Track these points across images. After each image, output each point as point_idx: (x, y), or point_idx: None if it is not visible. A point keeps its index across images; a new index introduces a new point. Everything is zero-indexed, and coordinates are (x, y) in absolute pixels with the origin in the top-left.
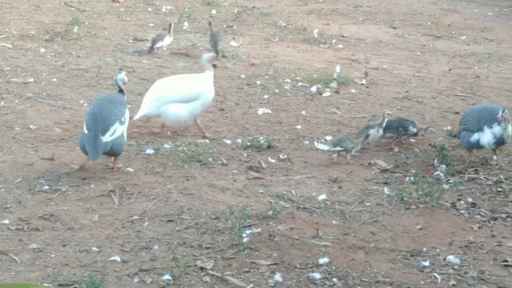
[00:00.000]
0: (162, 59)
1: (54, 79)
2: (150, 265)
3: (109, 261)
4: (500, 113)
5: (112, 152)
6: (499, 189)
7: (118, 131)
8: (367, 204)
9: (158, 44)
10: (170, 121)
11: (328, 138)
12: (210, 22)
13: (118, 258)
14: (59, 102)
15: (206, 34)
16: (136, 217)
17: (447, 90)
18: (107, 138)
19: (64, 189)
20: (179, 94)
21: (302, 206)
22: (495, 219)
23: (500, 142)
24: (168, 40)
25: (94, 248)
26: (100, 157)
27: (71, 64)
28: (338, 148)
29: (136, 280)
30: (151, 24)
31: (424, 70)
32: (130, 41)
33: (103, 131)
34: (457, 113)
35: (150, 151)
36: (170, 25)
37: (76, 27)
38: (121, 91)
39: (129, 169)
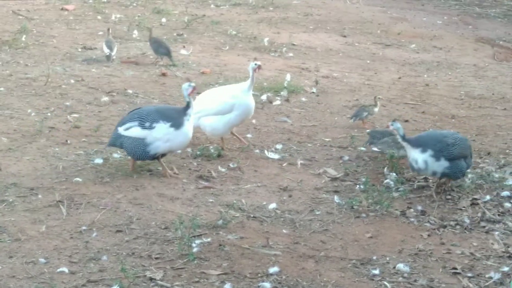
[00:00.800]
0: (111, 67)
1: (1, 89)
2: (98, 276)
3: (56, 273)
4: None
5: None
6: (448, 197)
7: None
8: (317, 213)
9: (114, 51)
10: (207, 133)
11: (279, 146)
12: (150, 28)
13: (66, 270)
14: (6, 111)
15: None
16: (84, 228)
17: (396, 98)
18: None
19: (11, 200)
20: (212, 107)
21: (252, 215)
22: (444, 226)
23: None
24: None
25: (42, 260)
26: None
27: (18, 73)
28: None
29: None
30: (100, 33)
31: (374, 78)
32: (79, 49)
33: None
34: (406, 121)
35: (99, 160)
36: (108, 29)
37: (24, 36)
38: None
39: (78, 179)
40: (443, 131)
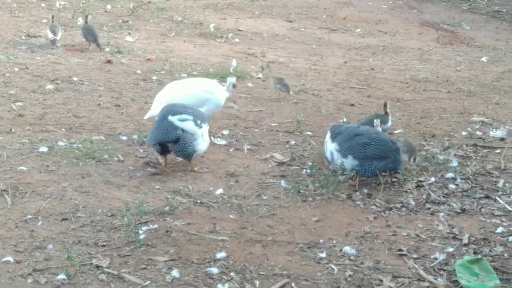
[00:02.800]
0: (56, 55)
1: None
2: (44, 265)
3: (1, 262)
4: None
5: None
6: (394, 179)
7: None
8: (264, 198)
9: (59, 35)
10: None
11: (225, 132)
12: (86, 15)
13: (11, 259)
14: None
15: (101, 30)
16: (29, 217)
17: (342, 82)
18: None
19: None
20: (184, 97)
21: (199, 201)
22: (390, 209)
23: None
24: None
25: None
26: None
27: None
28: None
29: (30, 280)
30: (44, 20)
31: (320, 63)
32: (23, 37)
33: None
34: (352, 105)
35: (43, 149)
36: (52, 16)
37: None
38: None
39: (22, 167)
40: (363, 128)
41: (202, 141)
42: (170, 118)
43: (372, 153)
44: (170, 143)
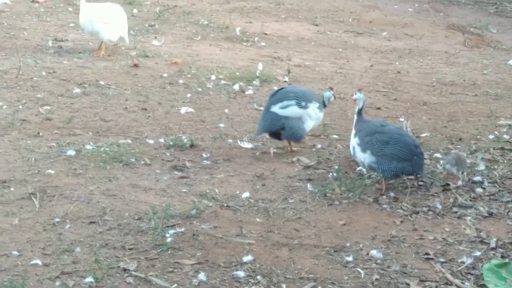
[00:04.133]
0: (83, 59)
1: None
2: (72, 268)
3: (30, 265)
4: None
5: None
6: (420, 183)
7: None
8: (290, 201)
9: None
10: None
11: (252, 135)
12: None
13: (39, 262)
14: None
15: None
16: (57, 220)
17: (369, 86)
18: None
19: None
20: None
21: (225, 205)
22: (417, 212)
23: None
24: None
25: (15, 252)
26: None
27: None
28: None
29: (58, 283)
30: (72, 25)
31: (346, 66)
32: (50, 41)
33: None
34: (378, 108)
35: (71, 152)
36: None
37: None
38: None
39: (50, 171)
40: (387, 126)
41: (310, 121)
42: (273, 108)
43: (391, 153)
44: (279, 131)
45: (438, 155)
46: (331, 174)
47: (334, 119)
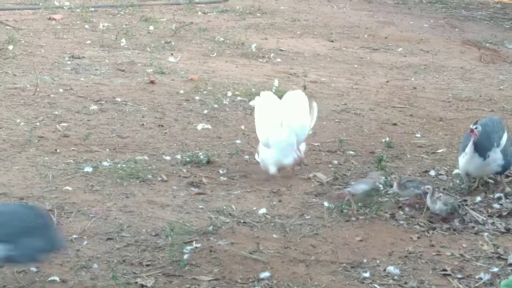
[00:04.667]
0: (100, 76)
1: None
2: (90, 284)
3: (48, 281)
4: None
5: None
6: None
7: None
8: (307, 217)
9: None
10: None
11: None
12: None
13: (57, 278)
14: None
15: (144, 51)
16: (75, 236)
17: (384, 101)
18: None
19: None
20: None
21: (242, 221)
22: (434, 229)
23: None
24: None
25: (33, 269)
26: None
27: (7, 83)
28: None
29: None
30: (88, 42)
31: (362, 82)
32: (67, 58)
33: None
34: (395, 124)
35: (88, 169)
36: None
37: (12, 46)
38: None
39: (68, 187)
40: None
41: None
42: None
43: None
44: None
45: (456, 171)
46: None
47: (350, 134)
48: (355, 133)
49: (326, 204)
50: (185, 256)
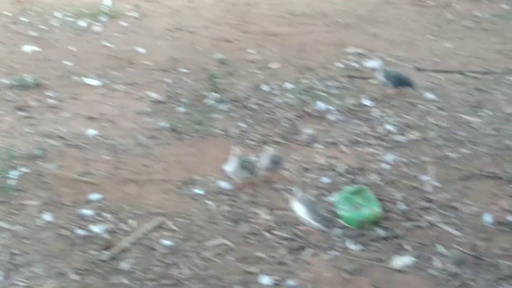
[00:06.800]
0: None
1: None
2: None
3: None
4: None
5: None
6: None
7: None
8: (139, 137)
9: None
10: None
11: (99, 73)
12: None
13: None
14: None
15: None
16: None
17: (218, 19)
18: None
19: None
20: None
21: (72, 143)
22: (266, 142)
23: None
24: None
25: None
26: None
27: None
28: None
29: None
30: None
31: (195, 0)
32: None
33: None
34: (228, 41)
35: None
36: None
37: None
38: None
39: None
40: None
41: None
42: None
43: None
44: None
45: (288, 85)
46: (180, 108)
47: (183, 53)
48: (188, 51)
49: (158, 123)
50: (11, 182)
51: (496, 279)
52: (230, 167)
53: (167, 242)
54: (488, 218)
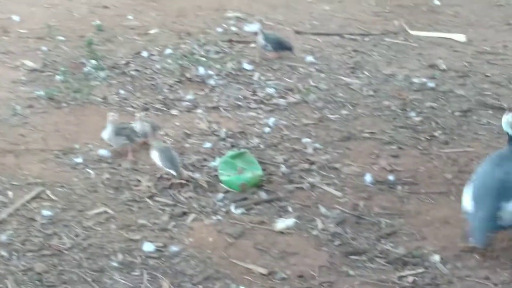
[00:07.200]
0: None
1: None
2: None
3: None
4: None
5: None
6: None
7: None
8: (16, 107)
9: None
10: None
11: None
12: None
13: None
14: None
15: None
16: None
17: None
18: None
19: None
20: None
21: None
22: (147, 109)
23: None
24: None
25: None
26: None
27: None
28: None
29: None
30: None
31: None
32: None
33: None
34: (106, 7)
35: None
36: None
37: None
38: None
39: None
40: None
41: None
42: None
43: None
44: None
45: (168, 50)
46: (57, 76)
47: (59, 20)
48: (65, 18)
49: (35, 91)
50: None
51: (377, 237)
52: (106, 134)
53: (46, 212)
54: (368, 177)
